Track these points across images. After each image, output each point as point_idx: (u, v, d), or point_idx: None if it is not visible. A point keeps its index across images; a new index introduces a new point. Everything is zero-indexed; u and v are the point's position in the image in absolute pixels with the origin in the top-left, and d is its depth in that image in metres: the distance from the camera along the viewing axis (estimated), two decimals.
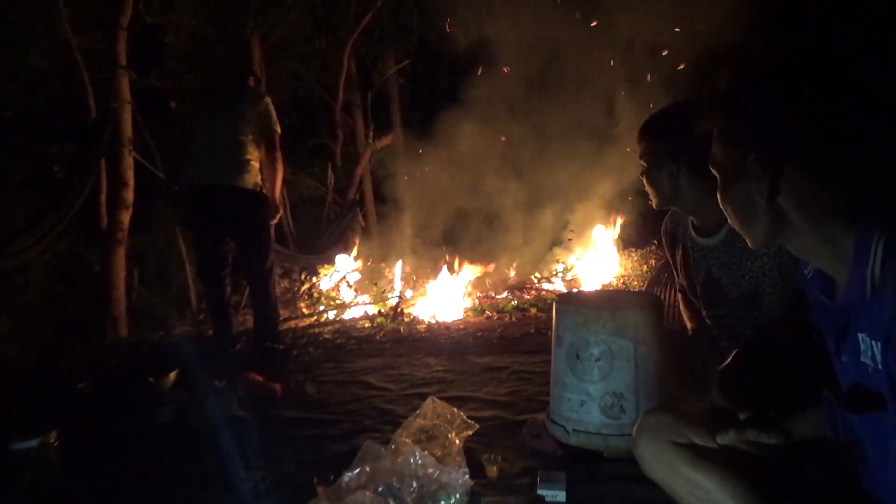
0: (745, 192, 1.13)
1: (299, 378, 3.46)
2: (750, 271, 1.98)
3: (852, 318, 1.07)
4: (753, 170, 1.09)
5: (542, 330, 4.37)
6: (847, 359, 1.11)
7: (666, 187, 2.00)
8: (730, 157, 1.16)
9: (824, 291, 1.16)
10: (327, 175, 8.39)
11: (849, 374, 1.12)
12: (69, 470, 2.26)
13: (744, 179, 1.12)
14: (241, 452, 2.32)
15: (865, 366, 1.05)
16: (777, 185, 1.08)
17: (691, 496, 1.42)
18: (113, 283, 5.14)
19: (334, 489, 1.75)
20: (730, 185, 1.17)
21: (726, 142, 1.17)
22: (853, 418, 1.16)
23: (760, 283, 1.97)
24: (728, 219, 1.22)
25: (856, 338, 1.06)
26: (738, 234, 1.97)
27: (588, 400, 2.05)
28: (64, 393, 3.33)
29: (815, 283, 1.19)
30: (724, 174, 1.18)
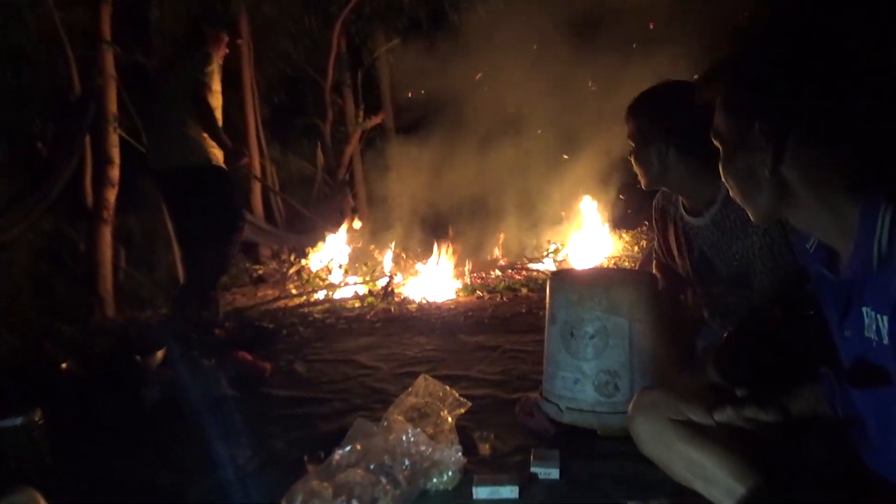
0: (748, 163, 1.10)
1: (289, 357, 3.43)
2: (740, 251, 1.96)
3: (856, 291, 1.05)
4: (757, 140, 1.06)
5: (533, 310, 4.36)
6: (850, 333, 1.09)
7: (654, 167, 1.97)
8: (733, 128, 1.12)
9: (827, 265, 1.13)
10: (317, 155, 8.31)
11: (852, 349, 1.10)
12: (54, 449, 2.23)
13: (747, 150, 1.09)
14: (230, 431, 2.30)
15: (870, 340, 1.03)
16: (781, 155, 1.05)
17: (688, 473, 1.41)
18: (99, 262, 5.07)
19: (325, 467, 1.72)
20: (732, 157, 1.14)
21: (729, 111, 1.13)
22: (855, 394, 1.14)
23: (751, 262, 1.95)
24: (730, 192, 1.19)
25: (860, 312, 1.04)
26: (727, 214, 1.97)
27: (582, 378, 2.03)
28: (49, 372, 3.28)
29: (817, 257, 1.16)
30: (727, 145, 1.15)
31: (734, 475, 1.32)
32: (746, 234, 1.93)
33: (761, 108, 1.06)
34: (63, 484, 2.00)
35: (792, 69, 1.05)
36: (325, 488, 1.57)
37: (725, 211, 1.95)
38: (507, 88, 6.71)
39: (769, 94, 1.06)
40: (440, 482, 1.76)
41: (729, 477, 1.32)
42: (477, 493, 1.72)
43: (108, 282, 5.12)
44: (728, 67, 1.15)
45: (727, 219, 1.96)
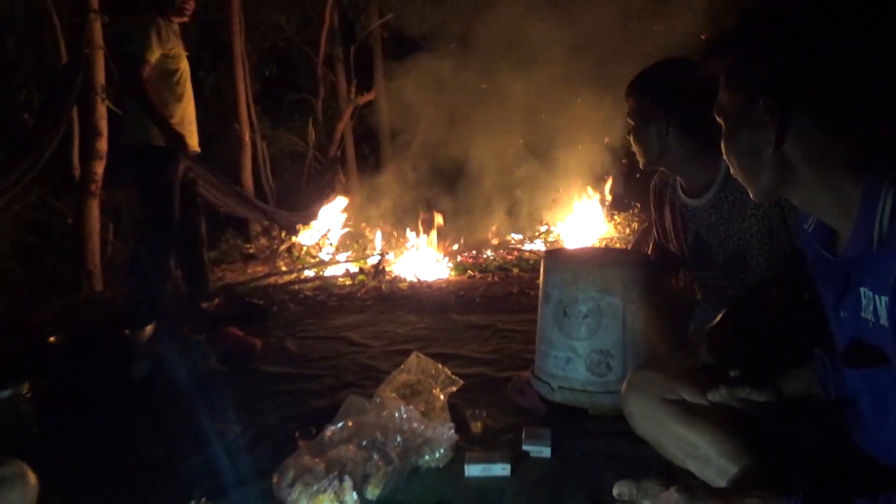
0: (751, 140, 1.08)
1: (279, 334, 3.41)
2: (738, 232, 1.95)
3: (855, 271, 1.04)
4: (761, 116, 1.05)
5: (525, 290, 4.36)
6: (846, 314, 1.08)
7: (654, 146, 1.96)
8: (736, 104, 1.10)
9: (825, 245, 1.12)
10: (308, 131, 8.22)
11: (847, 329, 1.09)
12: (43, 422, 2.21)
13: (750, 127, 1.08)
14: (220, 406, 2.28)
15: (866, 321, 1.02)
16: (784, 133, 1.03)
17: (680, 452, 1.41)
18: (87, 235, 5.01)
19: (316, 443, 1.72)
20: (735, 133, 1.12)
21: (733, 87, 1.12)
22: (851, 374, 1.14)
23: (748, 244, 1.95)
24: (731, 169, 1.17)
25: (857, 292, 1.04)
26: (725, 196, 1.96)
27: (574, 357, 2.03)
28: (36, 346, 3.25)
29: (815, 237, 1.15)
30: (730, 121, 1.13)
31: (726, 455, 1.32)
32: (744, 216, 1.92)
33: (766, 84, 1.04)
34: (50, 456, 1.99)
35: (798, 44, 1.03)
36: (316, 464, 1.57)
37: (724, 192, 1.95)
38: (500, 66, 6.64)
39: (774, 70, 1.04)
40: (432, 459, 1.76)
41: (721, 457, 1.32)
42: (469, 470, 1.73)
43: (96, 256, 5.06)
44: (733, 42, 1.13)
45: (725, 200, 1.95)
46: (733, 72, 1.12)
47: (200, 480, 1.78)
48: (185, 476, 1.83)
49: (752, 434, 1.34)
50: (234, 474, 1.76)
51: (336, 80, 8.60)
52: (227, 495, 1.64)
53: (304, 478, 1.53)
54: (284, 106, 8.78)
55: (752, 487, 1.05)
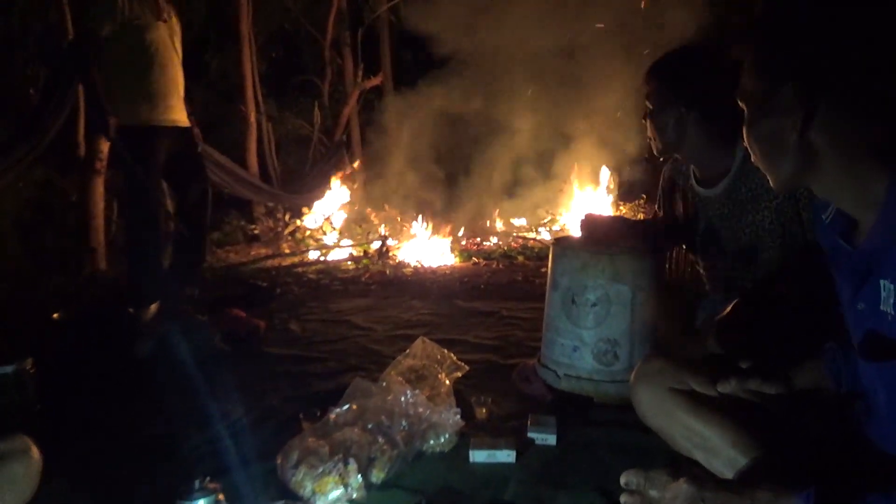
0: (776, 126, 1.05)
1: (283, 316, 3.41)
2: (751, 224, 1.93)
3: (875, 263, 1.02)
4: (786, 102, 1.02)
5: (529, 277, 4.34)
6: (864, 306, 1.06)
7: (672, 132, 1.93)
8: (762, 89, 1.08)
9: (844, 236, 1.10)
10: (314, 114, 8.18)
11: (865, 322, 1.07)
12: (45, 399, 2.21)
13: (775, 113, 1.05)
14: (224, 387, 2.27)
15: (885, 314, 1.01)
16: (811, 120, 1.00)
17: (688, 442, 1.40)
18: (91, 214, 5.00)
19: (321, 425, 1.71)
20: (759, 119, 1.10)
21: (759, 71, 1.09)
22: (866, 367, 1.12)
23: (760, 237, 1.93)
24: (752, 157, 1.15)
25: (877, 284, 1.02)
26: (740, 186, 1.93)
27: (581, 345, 2.01)
28: (39, 324, 3.24)
29: (834, 228, 1.13)
30: (754, 107, 1.11)
31: (735, 446, 1.31)
32: (758, 208, 1.90)
33: (794, 69, 1.02)
34: (53, 432, 1.98)
35: (828, 28, 1.00)
36: (321, 446, 1.56)
37: (738, 183, 1.92)
38: (510, 52, 6.58)
39: (803, 54, 1.02)
40: (437, 444, 1.75)
41: (730, 448, 1.31)
42: (474, 456, 1.72)
43: (100, 234, 5.06)
44: (760, 25, 1.10)
45: (739, 191, 1.93)
46: (760, 56, 1.09)
47: (204, 460, 1.77)
48: (189, 455, 1.82)
49: (762, 426, 1.33)
50: (238, 455, 1.75)
51: (343, 63, 8.54)
52: (230, 475, 1.63)
53: (308, 459, 1.52)
54: (290, 88, 8.73)
55: (763, 480, 1.04)
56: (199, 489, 1.30)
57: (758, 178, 1.90)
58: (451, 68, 6.78)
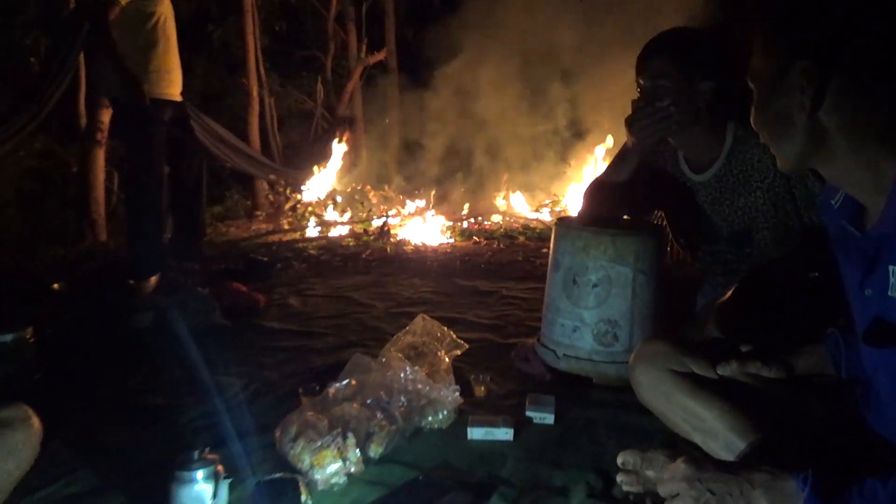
0: (785, 106, 1.04)
1: (283, 291, 3.40)
2: (742, 208, 1.92)
3: (884, 249, 1.01)
4: (797, 81, 1.00)
5: (530, 258, 4.33)
6: (871, 292, 1.05)
7: (686, 112, 1.87)
8: (771, 67, 1.06)
9: (853, 222, 1.09)
10: (317, 89, 8.12)
11: (871, 308, 1.06)
12: (45, 368, 2.21)
13: (785, 92, 1.03)
14: (222, 360, 2.27)
15: (893, 300, 1.00)
16: (821, 99, 0.99)
17: (686, 424, 1.40)
18: (92, 185, 4.99)
19: (320, 400, 1.71)
20: (768, 99, 1.08)
21: (770, 49, 1.07)
22: (870, 354, 1.12)
23: (753, 218, 1.92)
24: (761, 136, 1.13)
25: (885, 270, 1.01)
26: (731, 170, 1.91)
27: (581, 326, 2.01)
28: (39, 293, 3.24)
29: (843, 213, 1.11)
30: (764, 87, 1.09)
31: (733, 429, 1.31)
32: (749, 189, 1.89)
33: (805, 46, 1.00)
34: (52, 401, 1.99)
35: (839, 6, 0.98)
36: (320, 420, 1.56)
37: (729, 167, 1.91)
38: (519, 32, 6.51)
39: (815, 31, 1.00)
40: (435, 420, 1.75)
41: (728, 430, 1.31)
42: (472, 433, 1.72)
43: (100, 206, 5.05)
44: (771, 2, 1.08)
45: (730, 174, 1.91)
46: (771, 33, 1.07)
47: (202, 432, 1.78)
48: (187, 426, 1.83)
49: (760, 409, 1.33)
50: (236, 427, 1.75)
51: (347, 38, 8.46)
52: (228, 447, 1.63)
53: (307, 433, 1.52)
54: (293, 62, 8.65)
55: (761, 462, 1.04)
56: (198, 460, 1.30)
57: (747, 159, 1.89)
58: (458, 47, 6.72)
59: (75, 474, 1.57)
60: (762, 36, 1.08)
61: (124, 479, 1.56)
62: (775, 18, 1.06)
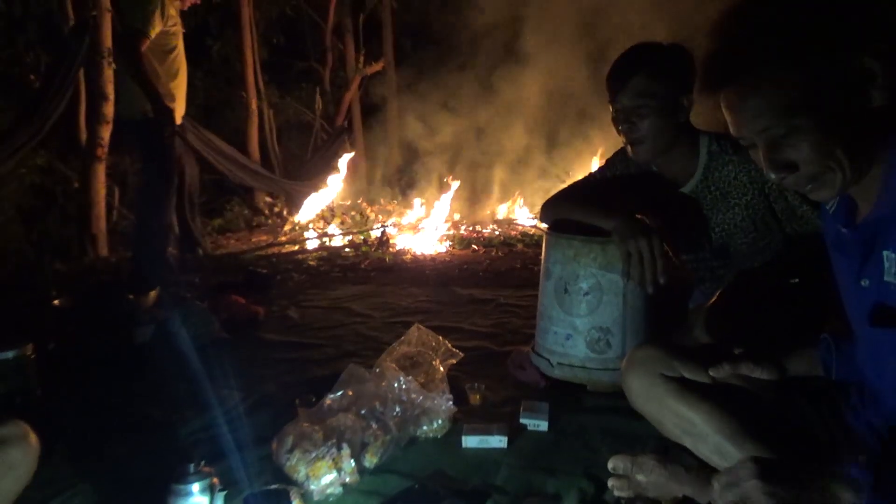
0: (855, 101, 1.04)
1: (282, 302, 3.43)
2: (721, 223, 1.91)
3: (879, 236, 1.03)
4: (862, 70, 0.99)
5: (528, 265, 4.35)
6: (868, 282, 1.07)
7: (667, 133, 1.84)
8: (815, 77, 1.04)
9: (846, 224, 1.11)
10: (315, 100, 8.16)
11: (869, 297, 1.07)
12: (46, 384, 2.23)
13: (848, 91, 1.03)
14: (222, 373, 2.30)
15: (888, 284, 1.02)
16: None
17: (677, 428, 1.42)
18: (93, 200, 5.02)
19: (316, 410, 1.73)
20: (825, 114, 1.08)
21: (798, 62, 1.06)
22: (868, 346, 1.13)
23: (731, 234, 1.90)
24: (833, 161, 1.10)
25: (880, 257, 1.02)
26: (707, 186, 1.90)
27: (574, 333, 2.03)
28: (40, 309, 3.27)
29: (837, 217, 1.14)
30: (820, 92, 1.09)
31: (722, 432, 1.33)
32: (728, 205, 1.87)
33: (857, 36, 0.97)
34: (53, 417, 2.01)
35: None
36: (315, 431, 1.58)
37: (706, 182, 1.90)
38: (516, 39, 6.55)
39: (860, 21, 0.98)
40: (430, 430, 1.78)
41: (717, 434, 1.33)
42: (466, 441, 1.74)
43: (101, 221, 5.08)
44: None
45: (707, 190, 1.90)
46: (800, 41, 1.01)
47: (200, 444, 1.80)
48: (186, 439, 1.85)
49: (750, 412, 1.35)
50: (234, 439, 1.77)
51: (345, 49, 8.52)
52: (226, 459, 1.65)
53: (302, 444, 1.55)
54: (292, 74, 8.71)
55: (816, 467, 1.03)
56: (194, 473, 1.32)
57: (723, 176, 1.87)
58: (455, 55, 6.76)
59: (76, 488, 1.60)
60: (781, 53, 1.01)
61: (124, 492, 1.59)
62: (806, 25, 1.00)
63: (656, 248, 1.78)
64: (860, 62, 0.97)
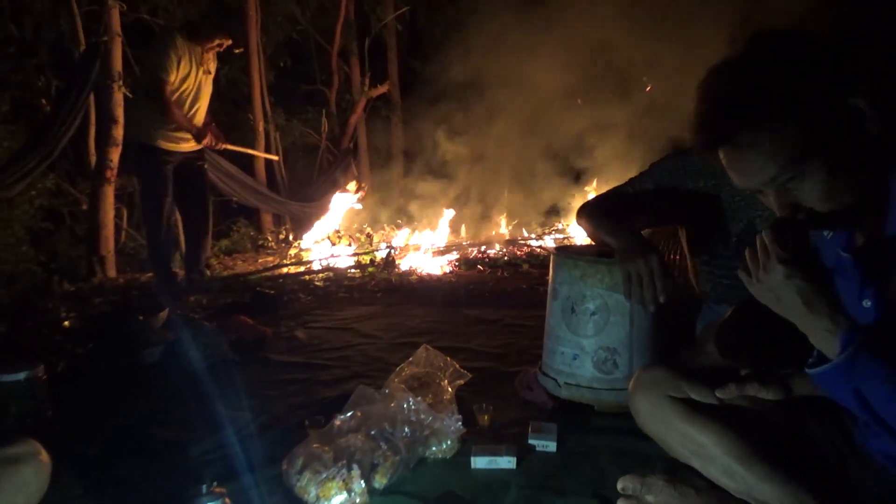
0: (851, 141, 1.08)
1: (289, 323, 3.44)
2: (737, 230, 1.91)
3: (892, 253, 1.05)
4: (851, 111, 1.05)
5: (534, 285, 4.36)
6: (869, 303, 1.09)
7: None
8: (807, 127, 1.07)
9: (846, 248, 1.13)
10: (321, 122, 8.24)
11: (871, 318, 1.09)
12: (56, 404, 2.25)
13: (840, 132, 1.07)
14: (231, 393, 2.32)
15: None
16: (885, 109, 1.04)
17: (685, 450, 1.42)
18: (101, 222, 5.07)
19: (326, 431, 1.74)
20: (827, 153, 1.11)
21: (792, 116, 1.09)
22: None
23: (749, 243, 1.90)
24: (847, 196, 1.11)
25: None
26: (733, 193, 1.91)
27: (581, 354, 2.04)
28: (51, 329, 3.30)
29: (836, 242, 1.16)
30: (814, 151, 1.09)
31: (731, 454, 1.33)
32: (747, 214, 1.90)
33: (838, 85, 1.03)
34: (63, 437, 2.02)
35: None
36: (325, 452, 1.59)
37: (731, 188, 1.91)
38: (521, 62, 6.61)
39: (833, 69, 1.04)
40: (439, 450, 1.78)
41: (726, 455, 1.34)
42: (475, 462, 1.74)
43: (110, 242, 5.12)
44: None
45: (732, 197, 1.93)
46: (791, 96, 1.06)
47: (211, 465, 1.81)
48: (196, 460, 1.86)
49: (758, 433, 1.35)
50: (244, 460, 1.78)
51: (350, 72, 8.62)
52: (236, 480, 1.66)
53: (312, 465, 1.55)
54: (298, 97, 8.81)
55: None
56: (206, 494, 1.33)
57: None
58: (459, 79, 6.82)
59: None
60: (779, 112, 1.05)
61: None
62: (791, 84, 1.05)
63: (656, 268, 1.81)
64: (847, 103, 1.02)
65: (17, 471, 1.26)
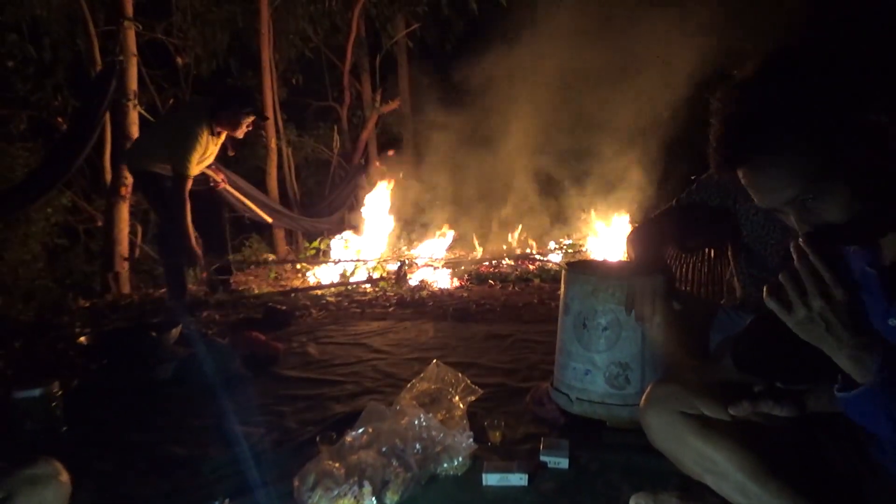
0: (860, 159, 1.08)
1: (301, 339, 3.45)
2: (776, 240, 1.91)
3: None
4: (861, 130, 1.04)
5: (545, 300, 4.36)
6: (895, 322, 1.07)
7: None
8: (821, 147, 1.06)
9: (871, 263, 1.12)
10: (333, 138, 8.30)
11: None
12: (71, 420, 2.27)
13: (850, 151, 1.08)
14: (243, 409, 2.33)
15: None
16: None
17: (697, 467, 1.41)
18: (116, 238, 5.12)
19: (337, 448, 1.75)
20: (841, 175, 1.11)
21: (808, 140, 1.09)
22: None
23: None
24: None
25: None
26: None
27: (593, 369, 2.04)
28: (65, 346, 3.33)
29: (861, 257, 1.15)
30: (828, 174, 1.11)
31: (745, 470, 1.32)
32: (787, 229, 1.88)
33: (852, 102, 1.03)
34: (78, 453, 2.04)
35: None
36: (337, 468, 1.59)
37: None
38: (530, 76, 6.64)
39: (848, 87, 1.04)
40: (450, 467, 1.78)
41: (738, 472, 1.32)
42: (487, 479, 1.74)
43: (124, 258, 5.17)
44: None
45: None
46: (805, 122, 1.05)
47: (223, 481, 1.82)
48: (209, 476, 1.86)
49: (772, 450, 1.34)
50: (257, 476, 1.79)
51: (361, 88, 8.69)
52: (248, 497, 1.67)
53: (324, 482, 1.56)
54: (310, 113, 8.89)
55: None
56: None
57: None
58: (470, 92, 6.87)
59: None
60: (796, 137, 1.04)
61: None
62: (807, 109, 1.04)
63: (657, 288, 1.89)
64: (868, 118, 1.01)
65: (37, 492, 1.27)
